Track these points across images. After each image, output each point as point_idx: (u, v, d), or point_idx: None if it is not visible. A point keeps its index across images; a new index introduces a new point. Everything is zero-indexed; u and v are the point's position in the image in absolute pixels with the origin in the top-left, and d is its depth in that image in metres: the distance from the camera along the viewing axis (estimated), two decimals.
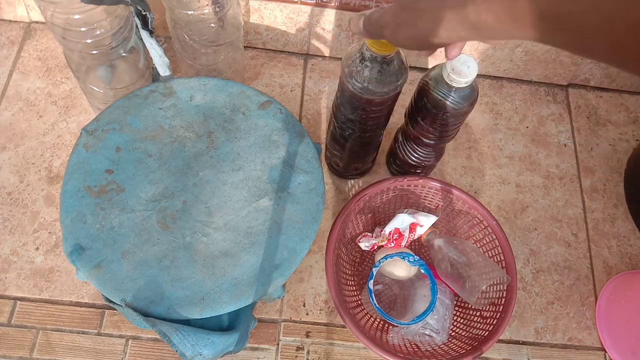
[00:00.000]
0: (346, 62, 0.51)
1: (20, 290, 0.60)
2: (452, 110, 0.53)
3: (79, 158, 0.51)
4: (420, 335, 0.57)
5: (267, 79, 0.76)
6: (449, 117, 0.54)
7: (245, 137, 0.54)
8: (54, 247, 0.62)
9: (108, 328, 0.59)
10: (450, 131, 0.58)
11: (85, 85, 0.63)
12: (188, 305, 0.46)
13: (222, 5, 0.59)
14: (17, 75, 0.72)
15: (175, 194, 0.51)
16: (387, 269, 0.59)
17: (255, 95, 0.56)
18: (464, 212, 0.62)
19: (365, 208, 0.62)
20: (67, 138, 0.68)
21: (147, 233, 0.48)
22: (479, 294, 0.55)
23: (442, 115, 0.54)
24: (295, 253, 0.49)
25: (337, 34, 0.74)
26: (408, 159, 0.65)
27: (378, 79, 0.49)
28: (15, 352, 0.57)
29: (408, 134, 0.62)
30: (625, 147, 0.77)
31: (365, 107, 0.53)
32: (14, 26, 0.75)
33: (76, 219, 0.48)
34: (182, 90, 0.55)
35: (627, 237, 0.71)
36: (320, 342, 0.60)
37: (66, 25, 0.53)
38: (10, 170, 0.66)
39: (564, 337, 0.64)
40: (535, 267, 0.68)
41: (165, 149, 0.52)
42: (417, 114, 0.57)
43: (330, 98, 0.75)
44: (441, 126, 0.57)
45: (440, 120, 0.55)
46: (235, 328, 0.49)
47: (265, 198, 0.51)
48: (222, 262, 0.48)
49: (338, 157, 0.65)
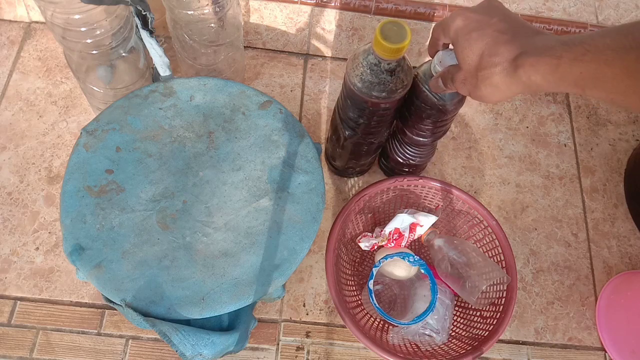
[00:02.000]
0: (351, 65, 0.51)
1: (20, 290, 0.60)
2: (441, 106, 0.53)
3: (79, 158, 0.51)
4: (420, 335, 0.57)
5: (267, 79, 0.76)
6: (438, 113, 0.54)
7: (245, 137, 0.54)
8: (54, 247, 0.62)
9: (108, 328, 0.59)
10: (439, 128, 0.58)
11: (85, 85, 0.63)
12: (188, 305, 0.46)
13: (222, 5, 0.59)
14: (17, 75, 0.72)
15: (175, 194, 0.51)
16: (387, 269, 0.59)
17: (255, 95, 0.56)
18: (464, 212, 0.62)
19: (365, 208, 0.62)
20: (67, 138, 0.68)
21: (147, 233, 0.48)
22: (479, 294, 0.55)
23: (431, 112, 0.54)
24: (295, 253, 0.49)
25: (337, 34, 0.74)
26: (397, 157, 0.64)
27: (384, 84, 0.49)
28: (15, 352, 0.57)
29: (397, 131, 0.61)
30: (625, 147, 0.77)
31: (371, 111, 0.53)
32: (14, 26, 0.75)
33: (76, 219, 0.48)
34: (182, 90, 0.55)
35: (627, 237, 0.71)
36: (320, 342, 0.60)
37: (66, 25, 0.53)
38: (10, 170, 0.66)
39: (564, 337, 0.64)
40: (535, 267, 0.68)
41: (165, 149, 0.52)
42: (406, 110, 0.57)
43: (330, 98, 0.75)
44: (430, 123, 0.56)
45: (428, 116, 0.55)
46: (235, 328, 0.49)
47: (265, 198, 0.51)
48: (222, 262, 0.48)
49: (338, 156, 0.65)
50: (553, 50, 0.36)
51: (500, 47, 0.39)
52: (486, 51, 0.40)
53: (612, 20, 0.72)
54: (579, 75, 0.34)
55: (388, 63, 0.48)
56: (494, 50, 0.39)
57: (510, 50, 0.38)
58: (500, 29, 0.40)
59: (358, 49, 0.51)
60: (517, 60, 0.38)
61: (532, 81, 0.37)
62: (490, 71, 0.40)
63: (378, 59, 0.48)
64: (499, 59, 0.39)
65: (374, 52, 0.48)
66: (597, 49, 0.34)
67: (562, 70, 0.35)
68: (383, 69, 0.49)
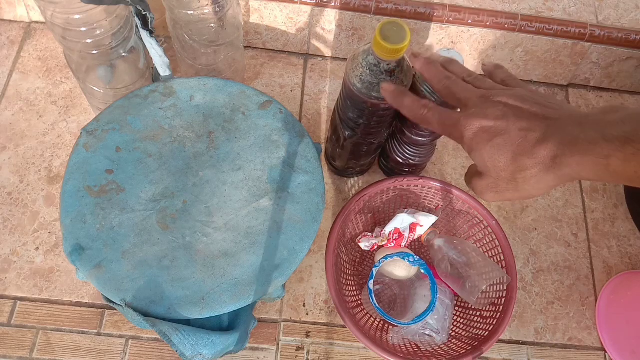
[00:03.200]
0: (351, 66, 0.51)
1: (20, 290, 0.60)
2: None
3: (79, 158, 0.51)
4: (420, 335, 0.57)
5: (267, 79, 0.76)
6: None
7: (245, 137, 0.54)
8: (54, 247, 0.62)
9: (108, 328, 0.59)
10: None
11: (85, 85, 0.63)
12: (188, 305, 0.46)
13: (222, 5, 0.59)
14: (17, 75, 0.72)
15: (175, 194, 0.51)
16: (387, 269, 0.59)
17: (255, 95, 0.56)
18: (464, 212, 0.62)
19: (365, 208, 0.62)
20: (67, 138, 0.68)
21: (147, 233, 0.48)
22: (479, 294, 0.55)
23: None
24: (295, 253, 0.49)
25: (337, 34, 0.74)
26: (397, 157, 0.64)
27: None
28: (15, 352, 0.57)
29: (397, 131, 0.61)
30: None
31: (370, 111, 0.53)
32: (14, 26, 0.75)
33: (76, 219, 0.48)
34: (182, 90, 0.55)
35: (627, 237, 0.71)
36: (320, 342, 0.60)
37: (66, 25, 0.53)
38: (10, 170, 0.66)
39: (564, 337, 0.64)
40: (535, 267, 0.68)
41: (165, 149, 0.52)
42: None
43: (330, 98, 0.75)
44: None
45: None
46: (235, 328, 0.49)
47: (265, 198, 0.51)
48: (222, 262, 0.48)
49: (338, 156, 0.65)
50: (598, 148, 0.33)
51: (534, 149, 0.36)
52: (519, 153, 0.36)
53: (612, 20, 0.72)
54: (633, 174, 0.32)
55: (388, 64, 0.48)
56: (529, 151, 0.36)
57: (547, 149, 0.35)
58: (522, 127, 0.37)
59: (358, 50, 0.51)
60: (560, 158, 0.35)
61: (582, 176, 0.35)
62: (531, 172, 0.36)
63: (378, 60, 0.48)
64: (538, 159, 0.36)
65: (373, 53, 0.48)
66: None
67: (614, 169, 0.33)
68: (383, 70, 0.49)
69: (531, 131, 0.36)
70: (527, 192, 0.38)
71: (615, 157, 0.32)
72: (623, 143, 0.32)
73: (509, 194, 0.39)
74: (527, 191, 0.38)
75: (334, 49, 0.77)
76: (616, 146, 0.32)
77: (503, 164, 0.37)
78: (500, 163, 0.37)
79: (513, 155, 0.37)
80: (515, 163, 0.37)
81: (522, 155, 0.36)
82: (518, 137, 0.36)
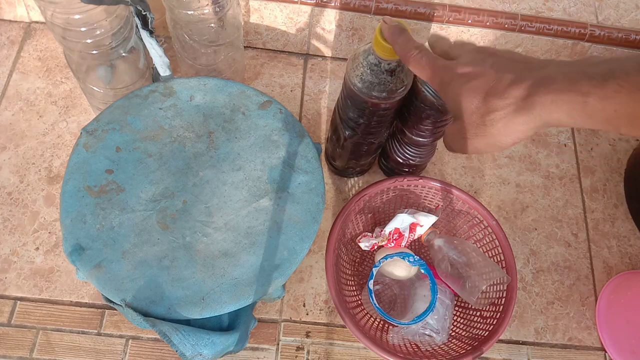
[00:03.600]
0: (351, 66, 0.51)
1: (20, 290, 0.60)
2: (440, 106, 0.53)
3: (79, 158, 0.51)
4: (420, 335, 0.57)
5: (267, 79, 0.76)
6: (437, 113, 0.54)
7: (245, 137, 0.54)
8: (54, 247, 0.62)
9: (108, 328, 0.59)
10: (439, 128, 0.58)
11: (85, 85, 0.63)
12: (188, 305, 0.46)
13: (222, 5, 0.59)
14: (17, 75, 0.72)
15: (175, 194, 0.51)
16: (387, 269, 0.59)
17: (255, 95, 0.56)
18: (464, 212, 0.62)
19: (365, 208, 0.62)
20: (67, 138, 0.68)
21: (147, 233, 0.48)
22: (479, 294, 0.55)
23: (430, 112, 0.54)
24: (295, 253, 0.49)
25: (337, 34, 0.74)
26: (397, 157, 0.64)
27: (384, 84, 0.49)
28: (15, 352, 0.57)
29: (397, 131, 0.61)
30: (625, 147, 0.77)
31: (371, 111, 0.53)
32: (14, 26, 0.75)
33: (76, 219, 0.48)
34: (182, 90, 0.55)
35: (627, 237, 0.71)
36: (320, 342, 0.60)
37: (66, 25, 0.53)
38: (10, 170, 0.66)
39: (564, 337, 0.64)
40: (535, 267, 0.68)
41: (165, 149, 0.52)
42: (406, 111, 0.57)
43: (330, 98, 0.75)
44: (430, 123, 0.56)
45: (428, 116, 0.55)
46: (235, 328, 0.49)
47: (265, 198, 0.51)
48: (222, 262, 0.48)
49: (338, 156, 0.65)
50: (577, 84, 0.31)
51: (507, 89, 0.34)
52: (490, 94, 0.35)
53: (612, 20, 0.72)
54: (612, 113, 0.30)
55: (388, 63, 0.48)
56: (501, 91, 0.34)
57: (519, 89, 0.34)
58: (500, 69, 0.35)
59: (358, 49, 0.51)
60: (532, 97, 0.33)
61: (553, 118, 0.33)
62: (500, 113, 0.34)
63: (378, 59, 0.48)
64: (509, 100, 0.34)
65: (374, 52, 0.48)
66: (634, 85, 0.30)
67: (592, 109, 0.31)
68: (383, 69, 0.49)
69: (507, 72, 0.35)
70: (494, 139, 0.36)
71: (595, 95, 0.31)
72: (606, 79, 0.31)
73: (477, 140, 0.37)
74: (494, 137, 0.36)
75: (334, 49, 0.77)
76: (598, 82, 0.31)
77: (475, 106, 0.36)
78: (472, 105, 0.36)
79: (485, 95, 0.35)
80: (486, 104, 0.35)
81: (493, 95, 0.35)
82: (493, 79, 0.35)
